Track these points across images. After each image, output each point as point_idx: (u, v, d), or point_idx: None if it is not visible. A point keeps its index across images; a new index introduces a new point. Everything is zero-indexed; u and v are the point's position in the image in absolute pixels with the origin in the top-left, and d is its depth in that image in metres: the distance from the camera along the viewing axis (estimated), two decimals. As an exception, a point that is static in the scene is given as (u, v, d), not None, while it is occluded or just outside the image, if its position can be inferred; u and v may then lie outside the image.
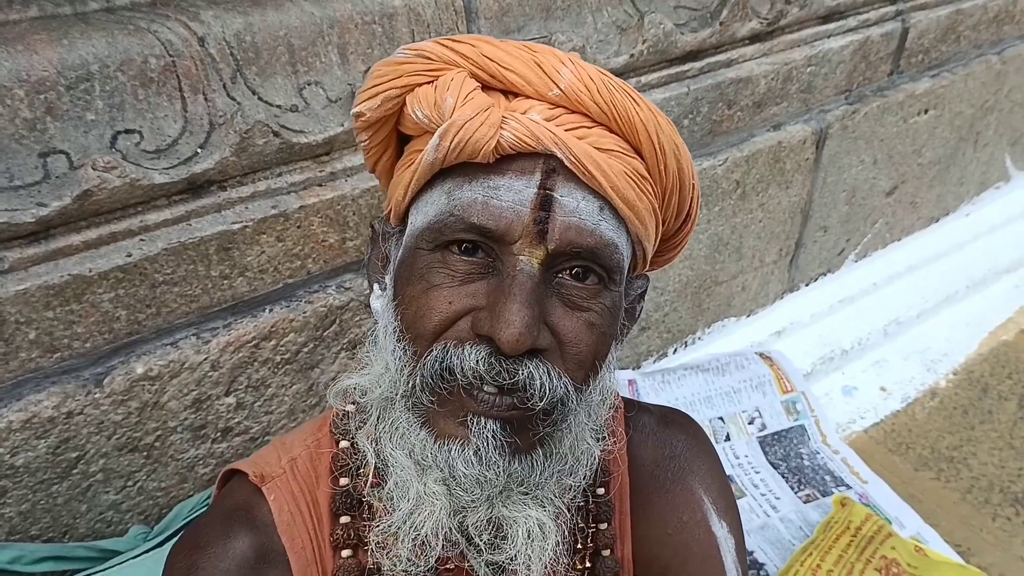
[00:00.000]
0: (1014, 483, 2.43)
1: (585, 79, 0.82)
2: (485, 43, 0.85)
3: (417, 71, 0.85)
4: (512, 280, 0.81)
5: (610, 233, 0.85)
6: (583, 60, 0.86)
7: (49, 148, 1.33)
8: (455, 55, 0.84)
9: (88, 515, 1.50)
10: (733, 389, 2.47)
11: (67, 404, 1.39)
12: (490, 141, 0.81)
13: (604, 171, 0.82)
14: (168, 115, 1.42)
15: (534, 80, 0.83)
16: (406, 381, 0.87)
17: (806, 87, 2.39)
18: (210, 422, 1.57)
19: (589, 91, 0.82)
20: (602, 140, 0.83)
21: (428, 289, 0.85)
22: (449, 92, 0.83)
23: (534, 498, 0.89)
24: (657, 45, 1.98)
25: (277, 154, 1.51)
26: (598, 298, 0.86)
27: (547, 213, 0.81)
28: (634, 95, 0.85)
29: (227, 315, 1.55)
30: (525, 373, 0.82)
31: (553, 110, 0.83)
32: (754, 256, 2.55)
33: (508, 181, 0.82)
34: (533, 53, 0.83)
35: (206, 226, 1.47)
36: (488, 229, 0.81)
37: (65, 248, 1.35)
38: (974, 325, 3.03)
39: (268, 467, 1.00)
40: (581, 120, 0.83)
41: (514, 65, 0.83)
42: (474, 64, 0.84)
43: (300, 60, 1.54)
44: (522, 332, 0.79)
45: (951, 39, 2.80)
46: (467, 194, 0.83)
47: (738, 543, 1.11)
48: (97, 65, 1.34)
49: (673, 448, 1.12)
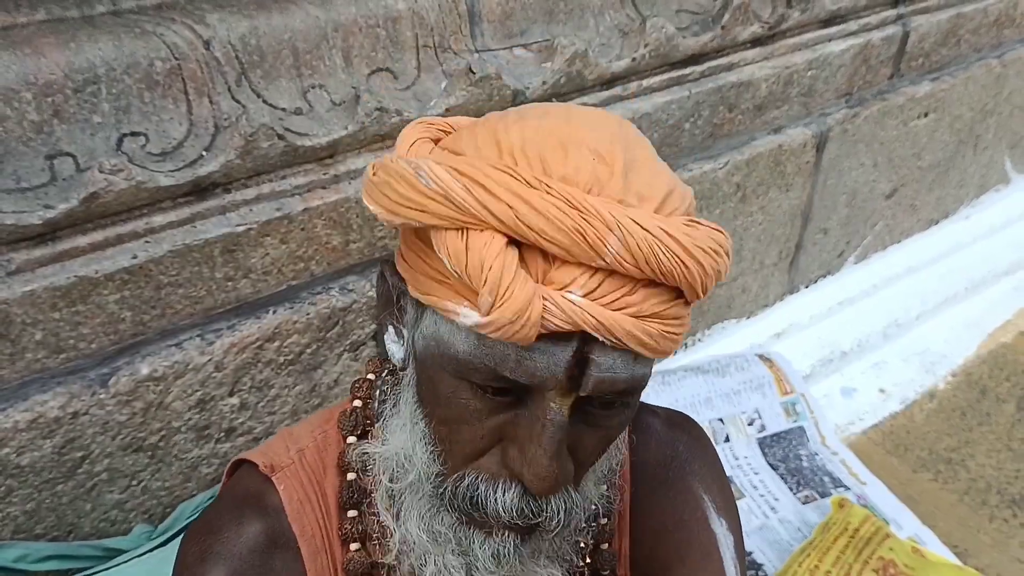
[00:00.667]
0: (1011, 485, 2.44)
1: (633, 248, 0.73)
2: (521, 202, 0.73)
3: (442, 216, 0.75)
4: (542, 429, 0.79)
5: (643, 370, 0.82)
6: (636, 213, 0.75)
7: (56, 150, 1.34)
8: (488, 214, 0.73)
9: (92, 514, 1.51)
10: (733, 390, 2.49)
11: (72, 404, 1.40)
12: (529, 339, 0.76)
13: (643, 340, 0.78)
14: (173, 118, 1.43)
15: (577, 252, 0.73)
16: (436, 485, 0.88)
17: (807, 91, 2.40)
18: (214, 422, 1.59)
19: (636, 261, 0.74)
20: (644, 304, 0.77)
21: (456, 418, 0.83)
22: (486, 282, 0.74)
23: (548, 558, 0.92)
24: (659, 49, 1.99)
25: (281, 157, 1.52)
26: (619, 415, 0.86)
27: (581, 371, 0.78)
28: (682, 255, 0.75)
29: (231, 316, 1.56)
30: (550, 509, 0.84)
31: (594, 277, 0.75)
32: (754, 258, 2.56)
33: (544, 346, 0.77)
34: (579, 218, 0.72)
35: (211, 228, 1.48)
36: (520, 384, 0.79)
37: (71, 250, 1.36)
38: (973, 327, 3.04)
39: (277, 457, 1.01)
40: (624, 283, 0.76)
41: (556, 237, 0.73)
42: (511, 230, 0.74)
43: (304, 63, 1.55)
44: (555, 483, 0.80)
45: (952, 43, 2.81)
46: (499, 348, 0.78)
47: (737, 541, 1.12)
48: (104, 68, 1.35)
49: (675, 449, 1.13)
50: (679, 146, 2.16)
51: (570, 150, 0.76)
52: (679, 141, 2.15)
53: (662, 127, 2.08)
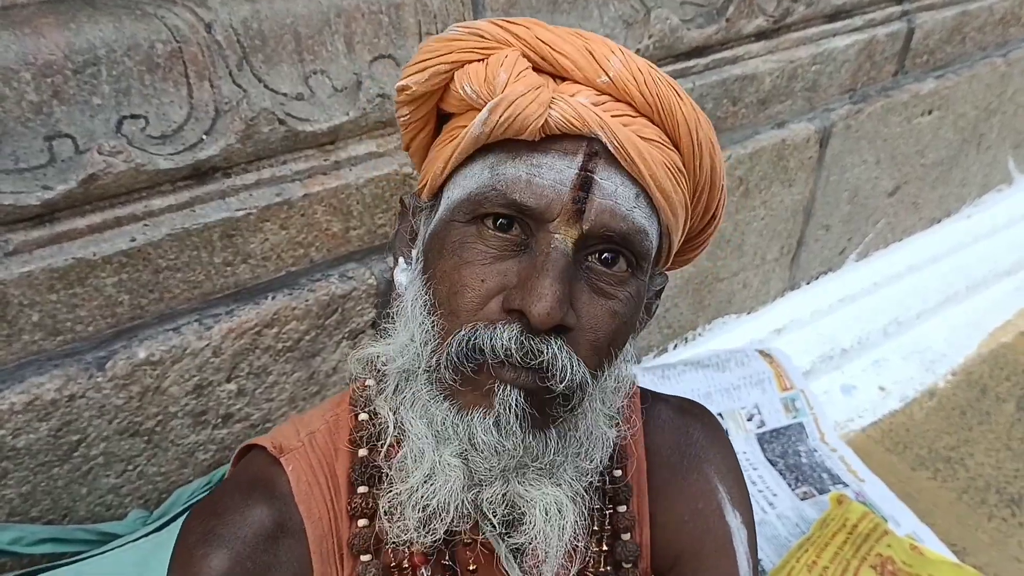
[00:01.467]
0: (1010, 484, 2.44)
1: (633, 69, 0.84)
2: (539, 26, 0.86)
3: (470, 48, 0.87)
4: (546, 257, 0.82)
5: (643, 220, 0.87)
6: (631, 52, 0.88)
7: (55, 132, 1.33)
8: (509, 35, 0.86)
9: (88, 498, 1.51)
10: (733, 386, 2.48)
11: (69, 387, 1.40)
12: (539, 119, 0.83)
13: (645, 159, 0.84)
14: (174, 101, 1.43)
15: (584, 66, 0.84)
16: (430, 356, 0.88)
17: (811, 85, 2.39)
18: (211, 408, 1.58)
19: (636, 81, 0.84)
20: (645, 130, 0.85)
21: (461, 265, 0.86)
22: (503, 67, 0.84)
23: (550, 476, 0.90)
24: (663, 40, 1.98)
25: (282, 142, 1.51)
26: (624, 286, 0.88)
27: (586, 194, 0.83)
28: (679, 90, 0.87)
29: (229, 302, 1.56)
30: (550, 353, 0.83)
31: (600, 96, 0.85)
32: (755, 253, 2.55)
33: (551, 160, 0.84)
34: (585, 40, 0.85)
35: (210, 212, 1.47)
36: (528, 207, 0.83)
37: (70, 232, 1.35)
38: (974, 326, 3.04)
39: (286, 440, 1.01)
40: (626, 109, 0.85)
41: (566, 50, 0.84)
42: (527, 45, 0.85)
43: (306, 48, 1.54)
44: (553, 306, 0.81)
45: (957, 40, 2.80)
46: (511, 170, 0.85)
47: (750, 535, 1.12)
48: (104, 50, 1.34)
49: (689, 436, 1.13)
50: (682, 139, 2.15)
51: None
52: (682, 134, 2.14)
53: (665, 119, 2.07)
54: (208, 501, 1.00)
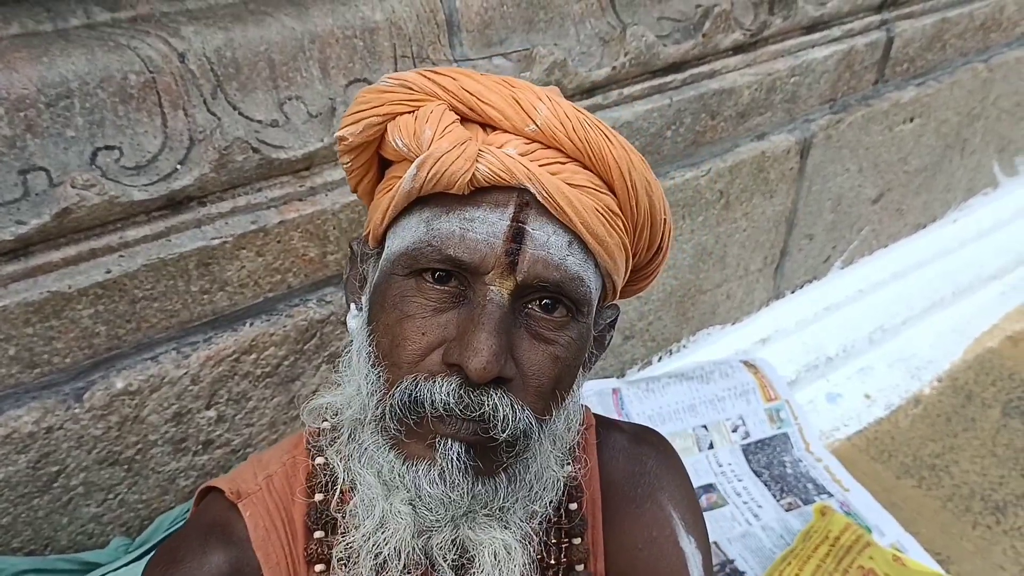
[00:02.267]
0: (995, 491, 2.45)
1: (561, 116, 0.84)
2: (466, 76, 0.87)
3: (399, 100, 0.88)
4: (482, 310, 0.83)
5: (576, 267, 0.87)
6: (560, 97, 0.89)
7: (29, 165, 1.34)
8: (436, 87, 0.87)
9: (69, 528, 1.51)
10: (717, 397, 2.49)
11: (47, 419, 1.40)
12: (465, 174, 0.83)
13: (575, 207, 0.85)
14: (148, 131, 1.43)
15: (512, 115, 0.85)
16: (376, 407, 0.89)
17: (790, 97, 2.40)
18: (191, 435, 1.58)
19: (564, 128, 0.84)
20: (575, 176, 0.85)
21: (402, 319, 0.87)
22: (428, 124, 0.85)
23: (500, 521, 0.90)
24: (639, 57, 1.99)
25: (257, 170, 1.52)
26: (565, 330, 0.88)
27: (518, 245, 0.83)
28: (608, 133, 0.87)
29: (207, 329, 1.56)
30: (490, 405, 0.84)
31: (529, 145, 0.85)
32: (738, 265, 2.56)
33: (483, 213, 0.84)
34: (512, 89, 0.86)
35: (186, 242, 1.48)
36: (463, 261, 0.83)
37: (44, 265, 1.36)
38: (959, 332, 3.05)
39: (244, 484, 1.02)
40: (556, 156, 0.85)
41: (493, 100, 0.85)
42: (454, 96, 0.86)
43: (281, 75, 1.55)
44: (489, 361, 0.81)
45: (937, 47, 2.81)
46: (444, 225, 0.85)
47: (705, 558, 1.13)
48: (77, 82, 1.35)
49: (644, 465, 1.14)
50: (661, 154, 2.16)
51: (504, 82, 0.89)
52: (661, 149, 2.15)
53: (644, 135, 2.08)
54: (167, 549, 1.00)
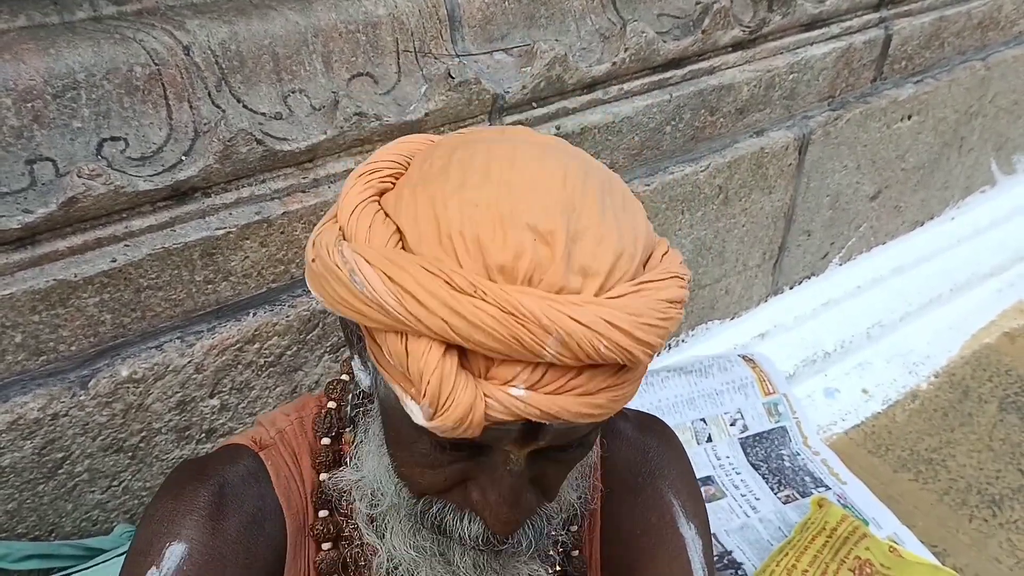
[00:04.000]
0: (992, 485, 2.46)
1: (573, 347, 0.71)
2: (455, 315, 0.71)
3: (380, 321, 0.74)
4: (501, 478, 0.81)
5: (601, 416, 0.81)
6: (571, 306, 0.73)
7: (36, 155, 1.36)
8: (423, 327, 0.72)
9: (74, 514, 1.53)
10: (715, 391, 2.51)
11: (53, 406, 1.42)
12: (477, 431, 0.75)
13: (592, 414, 0.76)
14: (153, 123, 1.45)
15: (516, 355, 0.72)
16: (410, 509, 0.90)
17: (789, 94, 2.42)
18: (194, 423, 1.60)
19: (577, 356, 0.72)
20: (591, 383, 0.75)
21: (419, 465, 0.85)
22: (426, 393, 0.73)
23: (529, 557, 0.93)
24: (639, 53, 2.00)
25: (261, 161, 1.54)
26: (579, 451, 0.88)
27: (539, 428, 0.78)
28: (627, 338, 0.73)
29: (211, 319, 1.58)
30: (515, 540, 0.87)
31: (536, 370, 0.73)
32: (737, 260, 2.58)
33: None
34: (514, 326, 0.70)
35: (190, 232, 1.50)
36: (476, 443, 0.79)
37: (51, 254, 1.38)
38: (957, 328, 3.06)
39: (264, 437, 1.04)
40: (567, 370, 0.74)
41: (493, 347, 0.72)
42: (447, 339, 0.72)
43: (284, 68, 1.57)
44: (513, 524, 0.84)
45: (935, 45, 2.83)
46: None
47: (705, 545, 1.13)
48: (84, 74, 1.37)
49: (645, 453, 1.15)
50: (660, 149, 2.18)
51: (509, 231, 0.73)
52: (660, 144, 2.17)
53: (643, 131, 2.10)
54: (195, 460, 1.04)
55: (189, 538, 0.94)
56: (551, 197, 0.75)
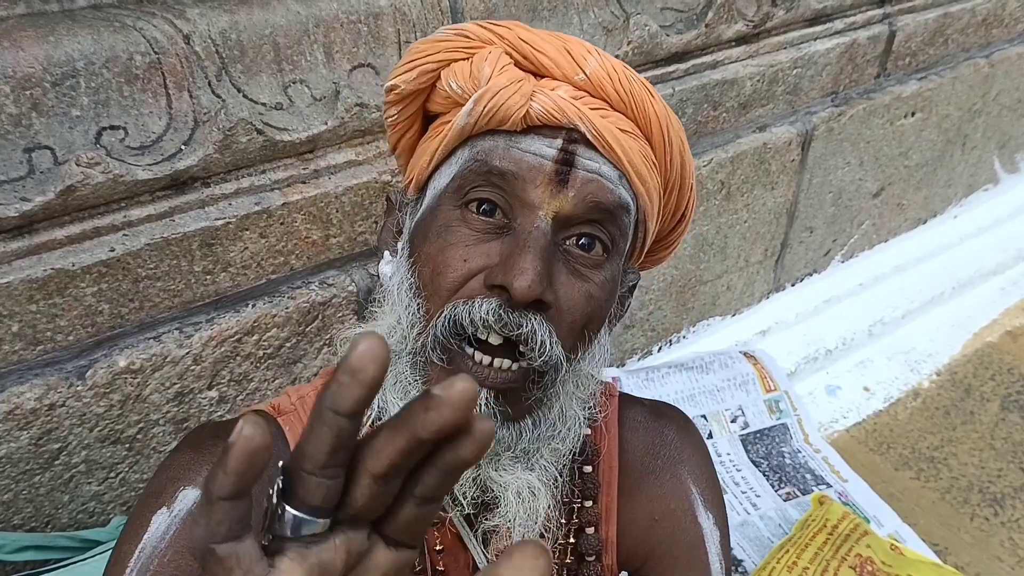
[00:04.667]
0: (993, 484, 2.45)
1: (608, 68, 0.90)
2: (520, 28, 0.92)
3: (455, 48, 0.92)
4: (528, 235, 0.86)
5: (627, 196, 0.92)
6: (607, 54, 0.93)
7: (34, 144, 1.35)
8: (492, 35, 0.91)
9: (70, 505, 1.52)
10: (716, 387, 2.49)
11: (49, 396, 1.41)
12: (521, 109, 0.87)
13: (623, 146, 0.90)
14: (153, 112, 1.44)
15: (563, 64, 0.89)
16: (415, 338, 0.91)
17: (792, 89, 2.41)
18: (193, 415, 1.59)
19: (611, 79, 0.90)
20: (621, 122, 0.91)
21: (445, 247, 0.90)
22: (487, 62, 0.89)
23: (524, 463, 0.92)
24: (642, 46, 1.99)
25: (261, 151, 1.53)
26: (600, 270, 0.91)
27: (569, 168, 0.88)
28: (651, 90, 0.93)
29: (210, 310, 1.57)
30: (529, 327, 0.86)
31: (578, 92, 0.90)
32: (739, 256, 2.57)
33: (532, 141, 0.89)
34: (564, 41, 0.91)
35: (189, 222, 1.49)
36: (510, 172, 0.88)
37: (48, 242, 1.37)
38: (959, 326, 3.05)
39: (282, 405, 1.06)
40: (602, 104, 0.90)
41: (546, 49, 0.90)
42: (509, 44, 0.91)
43: (285, 58, 1.56)
44: (534, 280, 0.83)
45: (939, 42, 2.81)
46: (490, 143, 0.90)
47: (723, 536, 1.13)
48: (83, 62, 1.36)
49: (664, 437, 1.14)
50: (663, 144, 2.16)
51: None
52: (663, 139, 2.16)
53: (646, 124, 2.09)
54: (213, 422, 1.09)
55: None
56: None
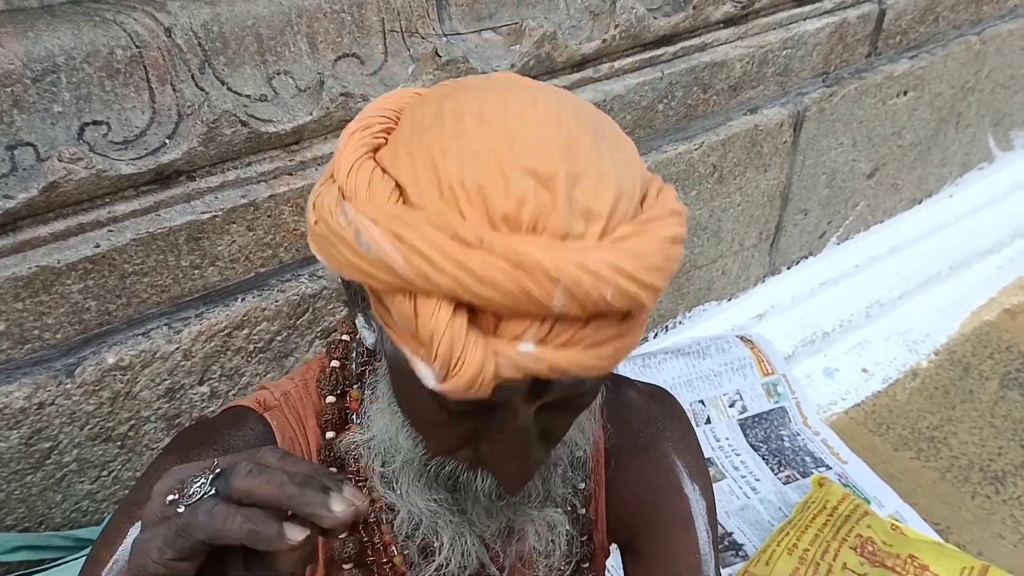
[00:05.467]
0: (994, 461, 2.44)
1: (580, 297, 0.70)
2: (463, 272, 0.70)
3: (387, 281, 0.73)
4: (510, 435, 0.80)
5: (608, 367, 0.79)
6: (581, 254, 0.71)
7: (16, 141, 1.34)
8: (432, 284, 0.71)
9: (63, 505, 1.51)
10: (714, 372, 2.49)
11: (39, 395, 1.40)
12: (487, 395, 0.74)
13: (599, 365, 0.75)
14: (136, 106, 1.43)
15: (525, 308, 0.71)
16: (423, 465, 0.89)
17: (782, 70, 2.40)
18: (184, 411, 1.58)
19: (585, 306, 0.71)
20: (598, 334, 0.74)
21: (427, 423, 0.85)
22: (437, 356, 0.72)
23: (541, 502, 0.92)
24: (630, 30, 1.98)
25: (246, 144, 1.51)
26: (587, 400, 0.86)
27: (545, 384, 0.76)
28: (634, 284, 0.72)
29: (199, 305, 1.56)
30: (526, 490, 0.89)
31: (545, 323, 0.72)
32: (733, 240, 2.56)
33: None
34: (522, 279, 0.70)
35: (175, 216, 1.47)
36: (484, 402, 0.77)
37: (33, 240, 1.36)
38: (956, 306, 3.04)
39: (268, 399, 1.03)
40: (575, 321, 0.73)
41: (502, 302, 0.71)
42: (456, 296, 0.71)
43: (269, 49, 1.54)
44: (525, 481, 0.85)
45: (929, 20, 2.80)
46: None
47: (709, 506, 1.14)
48: (63, 57, 1.35)
49: (650, 416, 1.15)
50: (653, 127, 2.15)
51: (510, 178, 0.70)
52: (653, 123, 2.15)
53: (635, 109, 2.08)
54: (199, 423, 1.04)
55: None
56: (548, 139, 0.73)
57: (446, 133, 0.74)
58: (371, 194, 0.74)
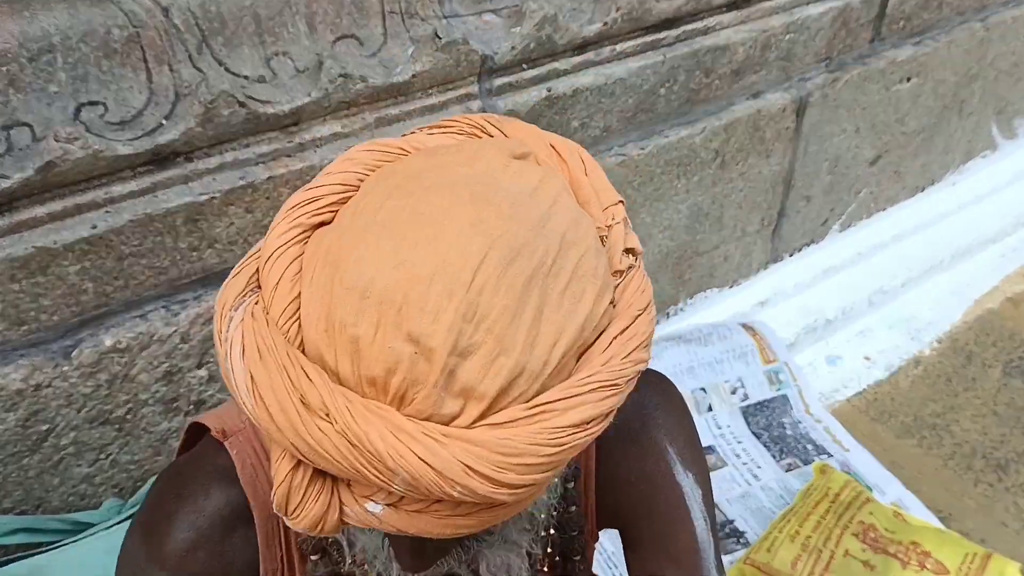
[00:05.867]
0: (997, 449, 2.44)
1: (422, 487, 0.65)
2: (302, 441, 0.66)
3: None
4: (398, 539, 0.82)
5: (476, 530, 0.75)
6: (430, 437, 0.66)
7: (12, 121, 1.32)
8: (272, 440, 0.70)
9: (61, 488, 1.50)
10: (715, 359, 2.48)
11: (35, 377, 1.39)
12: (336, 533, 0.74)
13: (458, 532, 0.72)
14: (133, 86, 1.42)
15: (369, 480, 0.66)
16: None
17: (785, 55, 2.38)
18: (182, 395, 1.57)
19: (430, 491, 0.66)
20: (458, 507, 0.69)
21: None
22: (275, 497, 0.71)
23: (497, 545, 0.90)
24: (631, 13, 1.96)
25: (244, 125, 1.50)
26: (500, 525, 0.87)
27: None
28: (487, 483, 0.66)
29: (197, 287, 1.55)
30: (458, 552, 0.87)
31: (394, 492, 0.68)
32: (735, 226, 2.54)
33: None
34: (360, 462, 0.65)
35: (173, 197, 1.46)
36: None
37: (29, 220, 1.35)
38: (959, 294, 3.03)
39: (230, 421, 0.99)
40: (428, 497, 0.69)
41: (340, 473, 0.67)
42: (295, 456, 0.69)
43: (267, 30, 1.53)
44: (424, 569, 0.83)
45: (933, 5, 2.78)
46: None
47: (705, 493, 1.11)
48: (59, 37, 1.33)
49: (642, 403, 1.11)
50: (655, 112, 2.14)
51: (389, 338, 0.65)
52: (655, 107, 2.13)
53: (637, 93, 2.06)
54: (170, 482, 0.98)
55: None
56: (448, 301, 0.65)
57: (357, 250, 0.68)
58: (274, 299, 0.71)
